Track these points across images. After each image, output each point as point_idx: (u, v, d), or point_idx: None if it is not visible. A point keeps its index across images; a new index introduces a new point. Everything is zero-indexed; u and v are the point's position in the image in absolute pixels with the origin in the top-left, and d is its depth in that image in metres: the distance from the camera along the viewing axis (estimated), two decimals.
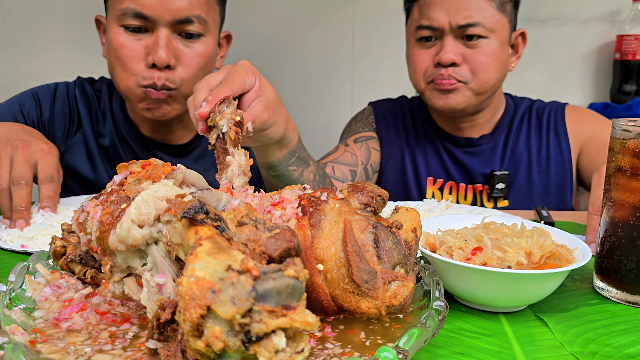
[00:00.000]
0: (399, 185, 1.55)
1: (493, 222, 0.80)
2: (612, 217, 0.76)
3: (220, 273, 0.42)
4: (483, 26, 1.32)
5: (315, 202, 0.62)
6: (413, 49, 1.41)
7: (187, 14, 1.18)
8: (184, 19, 1.17)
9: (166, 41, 1.17)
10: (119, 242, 0.53)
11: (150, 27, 1.18)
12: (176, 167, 0.60)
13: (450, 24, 1.32)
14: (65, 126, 1.37)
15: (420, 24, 1.36)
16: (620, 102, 2.15)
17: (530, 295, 0.69)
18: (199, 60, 1.22)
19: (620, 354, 0.62)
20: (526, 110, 1.55)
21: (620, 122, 0.75)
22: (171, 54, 1.19)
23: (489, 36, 1.34)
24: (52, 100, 1.37)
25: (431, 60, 1.37)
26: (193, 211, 0.48)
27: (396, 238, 0.61)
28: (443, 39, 1.34)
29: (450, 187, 1.50)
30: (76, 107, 1.38)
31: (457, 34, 1.33)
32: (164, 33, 1.17)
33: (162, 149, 1.38)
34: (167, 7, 1.16)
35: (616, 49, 2.18)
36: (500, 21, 1.35)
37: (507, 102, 1.56)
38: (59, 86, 1.40)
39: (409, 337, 0.51)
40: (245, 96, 0.89)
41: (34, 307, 0.62)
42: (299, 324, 0.40)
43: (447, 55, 1.33)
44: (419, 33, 1.38)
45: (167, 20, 1.17)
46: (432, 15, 1.33)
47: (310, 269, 0.58)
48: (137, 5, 1.16)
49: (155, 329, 0.46)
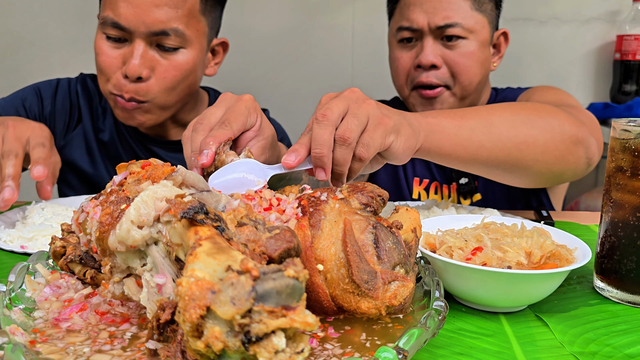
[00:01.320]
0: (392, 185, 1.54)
1: (493, 222, 0.80)
2: (612, 217, 0.76)
3: (220, 273, 0.42)
4: (461, 26, 1.31)
5: (315, 202, 0.62)
6: (395, 51, 1.41)
7: (163, 27, 1.16)
8: (160, 31, 1.16)
9: (141, 52, 1.17)
10: (119, 243, 0.53)
11: (128, 37, 1.18)
12: (176, 168, 0.60)
13: (429, 24, 1.31)
14: (66, 120, 1.39)
15: (401, 25, 1.36)
16: (620, 102, 2.15)
17: (530, 295, 0.69)
18: (174, 73, 1.21)
19: (620, 354, 0.62)
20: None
21: (620, 122, 0.75)
22: (145, 65, 1.18)
23: (468, 37, 1.33)
24: (53, 95, 1.39)
25: (412, 62, 1.36)
26: (193, 211, 0.48)
27: (396, 238, 0.61)
28: (423, 40, 1.34)
29: (435, 187, 1.49)
30: (77, 102, 1.40)
31: (437, 34, 1.32)
32: (139, 44, 1.17)
33: (158, 145, 1.39)
34: (142, 20, 1.15)
35: (616, 49, 2.18)
36: (480, 21, 1.34)
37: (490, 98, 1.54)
38: (60, 81, 1.42)
39: (409, 337, 0.51)
40: (244, 135, 0.83)
41: (34, 307, 0.62)
42: (298, 325, 0.40)
43: (426, 57, 1.32)
44: (399, 34, 1.37)
45: (143, 32, 1.16)
46: (411, 17, 1.33)
47: (310, 269, 0.58)
48: (115, 15, 1.16)
49: (155, 330, 0.46)
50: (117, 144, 1.40)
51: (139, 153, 1.40)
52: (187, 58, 1.22)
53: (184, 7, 1.18)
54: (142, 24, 1.15)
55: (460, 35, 1.31)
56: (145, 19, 1.15)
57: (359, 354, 0.53)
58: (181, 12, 1.18)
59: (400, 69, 1.39)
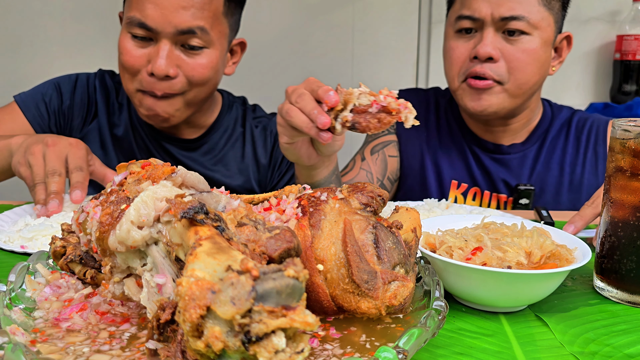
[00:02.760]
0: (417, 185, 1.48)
1: (493, 222, 0.80)
2: (612, 217, 0.76)
3: (220, 273, 0.42)
4: (527, 21, 1.24)
5: (315, 202, 0.62)
6: (450, 41, 1.33)
7: (190, 25, 1.20)
8: (186, 30, 1.20)
9: (167, 52, 1.20)
10: (119, 243, 0.53)
11: (154, 37, 1.21)
12: (176, 169, 0.60)
13: (492, 15, 1.24)
14: (83, 115, 1.43)
15: (461, 14, 1.29)
16: (620, 102, 2.15)
17: (530, 295, 0.69)
18: (201, 71, 1.24)
19: (620, 354, 0.62)
20: (565, 122, 1.45)
21: (620, 122, 0.75)
22: (172, 64, 1.21)
23: (532, 33, 1.25)
24: (72, 90, 1.43)
25: (468, 53, 1.29)
26: (193, 211, 0.48)
27: (396, 238, 0.61)
28: (483, 31, 1.27)
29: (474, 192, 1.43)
30: (95, 97, 1.44)
31: (498, 26, 1.25)
32: (165, 44, 1.20)
33: (171, 142, 1.43)
34: (169, 20, 1.18)
35: (616, 49, 2.18)
36: (546, 18, 1.27)
37: (545, 110, 1.47)
38: (79, 76, 1.45)
39: (409, 337, 0.51)
40: None
41: (34, 307, 0.62)
42: (298, 324, 0.40)
43: (485, 48, 1.24)
44: (458, 24, 1.30)
45: (169, 32, 1.19)
46: (474, 6, 1.26)
47: (310, 269, 0.58)
48: (142, 16, 1.19)
49: (155, 330, 0.46)
50: (131, 139, 1.43)
51: (152, 150, 1.43)
52: (211, 58, 1.25)
53: (210, 8, 1.22)
54: (169, 25, 1.18)
55: (524, 30, 1.25)
56: (172, 19, 1.18)
57: (359, 354, 0.53)
58: (207, 14, 1.21)
59: (455, 58, 1.32)
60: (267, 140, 1.50)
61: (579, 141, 1.43)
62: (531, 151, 1.43)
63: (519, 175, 1.42)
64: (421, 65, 2.31)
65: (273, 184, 1.50)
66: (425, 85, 2.30)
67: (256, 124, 1.50)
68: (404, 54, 2.30)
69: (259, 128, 1.50)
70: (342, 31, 2.28)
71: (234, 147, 1.47)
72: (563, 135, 1.44)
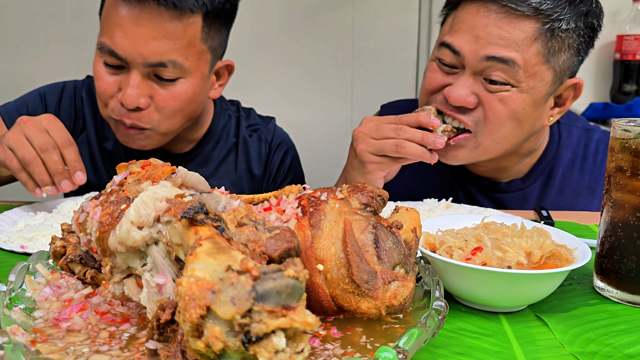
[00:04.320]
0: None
1: (493, 222, 0.80)
2: (612, 217, 0.76)
3: (220, 273, 0.42)
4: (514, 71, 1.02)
5: (315, 202, 0.62)
6: (431, 63, 1.13)
7: (160, 59, 1.11)
8: (157, 63, 1.12)
9: (138, 82, 1.13)
10: (119, 244, 0.53)
11: (125, 65, 1.14)
12: (177, 169, 0.60)
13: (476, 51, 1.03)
14: (70, 127, 1.37)
15: (443, 40, 1.08)
16: (620, 102, 2.15)
17: (530, 295, 0.69)
18: (173, 103, 1.16)
19: (620, 354, 0.61)
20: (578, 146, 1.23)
21: (620, 122, 0.75)
22: (142, 95, 1.14)
23: (519, 86, 1.03)
24: (58, 102, 1.37)
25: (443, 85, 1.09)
26: (193, 211, 0.48)
27: (396, 238, 0.61)
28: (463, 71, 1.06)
29: None
30: (82, 109, 1.38)
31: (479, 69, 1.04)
32: (136, 75, 1.13)
33: (162, 157, 1.34)
34: (139, 51, 1.10)
35: (616, 49, 2.18)
36: (540, 74, 1.03)
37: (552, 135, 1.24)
38: (66, 86, 1.39)
39: (409, 337, 0.51)
40: None
41: (34, 307, 0.62)
42: (298, 324, 0.40)
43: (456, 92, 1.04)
44: (440, 52, 1.10)
45: (140, 63, 1.12)
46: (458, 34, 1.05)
47: (310, 269, 0.58)
48: (112, 44, 1.12)
49: (155, 330, 0.46)
50: (122, 153, 1.37)
51: None
52: (187, 87, 1.17)
53: (183, 38, 1.13)
54: (139, 56, 1.11)
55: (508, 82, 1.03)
56: (142, 50, 1.10)
57: (360, 354, 0.53)
58: (180, 44, 1.12)
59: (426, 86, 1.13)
60: (262, 151, 1.43)
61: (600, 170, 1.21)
62: (534, 189, 1.23)
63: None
64: (421, 65, 2.31)
65: None
66: None
67: (250, 133, 1.44)
68: (404, 54, 2.30)
69: (253, 137, 1.43)
70: (342, 31, 2.28)
71: (227, 159, 1.42)
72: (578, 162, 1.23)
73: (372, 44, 2.29)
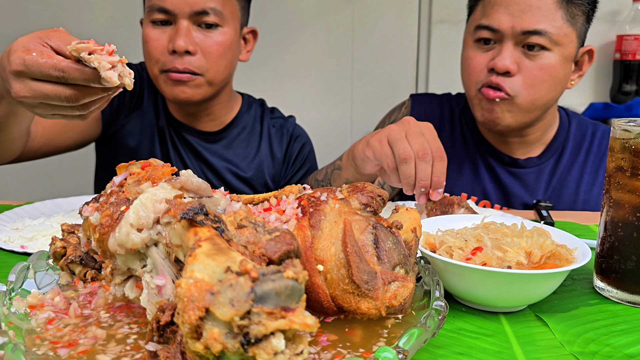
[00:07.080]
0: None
1: (493, 222, 0.80)
2: (612, 217, 0.76)
3: (219, 275, 0.42)
4: (549, 37, 1.20)
5: (315, 203, 0.62)
6: (469, 51, 1.30)
7: (203, 6, 1.33)
8: (201, 10, 1.33)
9: (185, 31, 1.32)
10: (118, 246, 0.53)
11: (172, 19, 1.34)
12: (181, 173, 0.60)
13: (513, 28, 1.20)
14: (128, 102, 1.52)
15: (480, 24, 1.25)
16: (620, 102, 2.15)
17: (530, 295, 0.69)
18: (217, 48, 1.36)
19: (620, 354, 0.61)
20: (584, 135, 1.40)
21: (620, 122, 0.75)
22: (190, 42, 1.33)
23: (553, 49, 1.22)
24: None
25: (486, 64, 1.25)
26: (192, 212, 0.48)
27: (396, 238, 0.61)
28: (502, 44, 1.23)
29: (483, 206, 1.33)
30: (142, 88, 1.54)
31: (518, 40, 1.22)
32: (183, 24, 1.33)
33: (192, 134, 1.51)
34: (185, 1, 1.32)
35: (616, 49, 2.18)
36: (569, 35, 1.22)
37: (561, 120, 1.42)
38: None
39: (409, 337, 0.51)
40: None
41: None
42: (298, 326, 0.40)
43: (503, 62, 1.21)
44: (477, 33, 1.26)
45: (186, 13, 1.32)
46: (494, 16, 1.22)
47: (310, 269, 0.58)
48: (161, 2, 1.33)
49: (155, 331, 0.46)
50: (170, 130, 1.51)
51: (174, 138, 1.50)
52: (226, 36, 1.38)
53: None
54: (185, 5, 1.32)
55: (544, 45, 1.21)
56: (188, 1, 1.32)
57: (360, 354, 0.53)
58: None
59: (472, 69, 1.29)
60: (283, 139, 1.60)
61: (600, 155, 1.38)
62: (547, 166, 1.39)
63: (534, 191, 1.38)
64: (421, 65, 2.31)
65: (287, 179, 1.59)
66: (425, 85, 2.30)
67: (273, 124, 1.60)
68: (404, 54, 2.30)
69: (276, 127, 1.60)
70: (342, 31, 2.28)
71: (251, 142, 1.57)
72: (584, 150, 1.40)
73: (372, 44, 2.29)
